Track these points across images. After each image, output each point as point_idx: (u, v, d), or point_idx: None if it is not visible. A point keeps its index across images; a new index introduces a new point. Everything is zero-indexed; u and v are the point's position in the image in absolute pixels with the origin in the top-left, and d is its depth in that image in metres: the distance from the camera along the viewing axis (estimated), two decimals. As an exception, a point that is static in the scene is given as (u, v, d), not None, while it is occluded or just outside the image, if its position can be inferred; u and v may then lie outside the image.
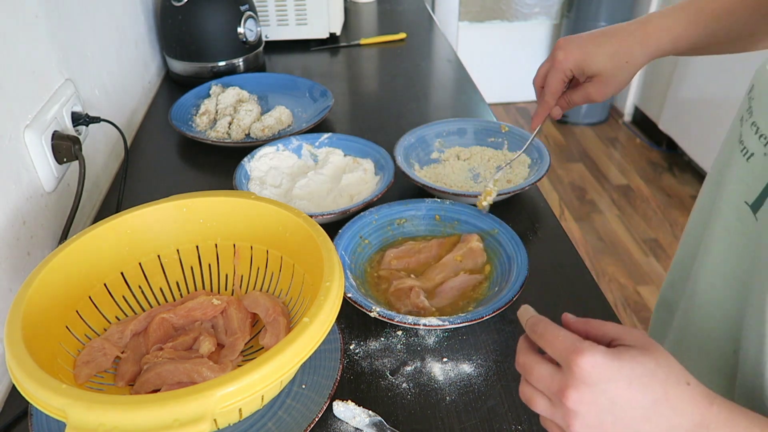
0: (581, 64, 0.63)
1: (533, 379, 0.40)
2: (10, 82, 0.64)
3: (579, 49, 0.63)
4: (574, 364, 0.37)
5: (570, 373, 0.37)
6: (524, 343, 0.43)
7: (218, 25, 1.18)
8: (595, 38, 0.63)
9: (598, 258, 2.21)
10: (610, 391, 0.37)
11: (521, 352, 0.42)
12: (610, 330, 0.41)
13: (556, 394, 0.38)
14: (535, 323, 0.42)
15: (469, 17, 3.15)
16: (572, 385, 0.37)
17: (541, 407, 0.40)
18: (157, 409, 0.38)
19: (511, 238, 0.70)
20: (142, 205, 0.60)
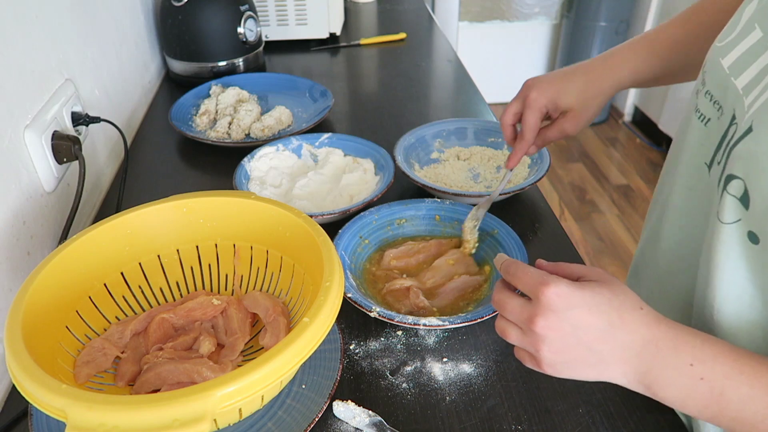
0: (555, 100, 0.66)
1: (506, 312, 0.45)
2: (10, 82, 0.64)
3: (551, 87, 0.66)
4: (541, 293, 0.42)
5: (538, 303, 0.43)
6: (500, 284, 0.48)
7: (218, 25, 1.18)
8: (563, 76, 0.68)
9: (598, 258, 2.21)
10: (572, 317, 0.42)
11: (497, 291, 0.47)
12: (576, 270, 0.46)
13: (525, 323, 0.43)
14: (508, 265, 0.47)
15: (469, 17, 3.15)
16: (540, 313, 0.42)
17: (514, 337, 0.45)
18: (157, 409, 0.38)
19: (511, 238, 0.70)
20: (142, 205, 0.60)
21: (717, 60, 0.51)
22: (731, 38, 0.51)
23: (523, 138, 0.69)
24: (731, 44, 0.50)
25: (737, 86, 0.48)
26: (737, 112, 0.47)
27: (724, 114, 0.50)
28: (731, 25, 0.52)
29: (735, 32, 0.51)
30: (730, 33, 0.51)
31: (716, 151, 0.51)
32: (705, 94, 0.53)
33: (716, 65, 0.51)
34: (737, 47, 0.49)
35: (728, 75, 0.49)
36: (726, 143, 0.48)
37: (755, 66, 0.46)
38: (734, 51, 0.49)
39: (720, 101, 0.51)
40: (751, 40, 0.48)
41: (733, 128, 0.47)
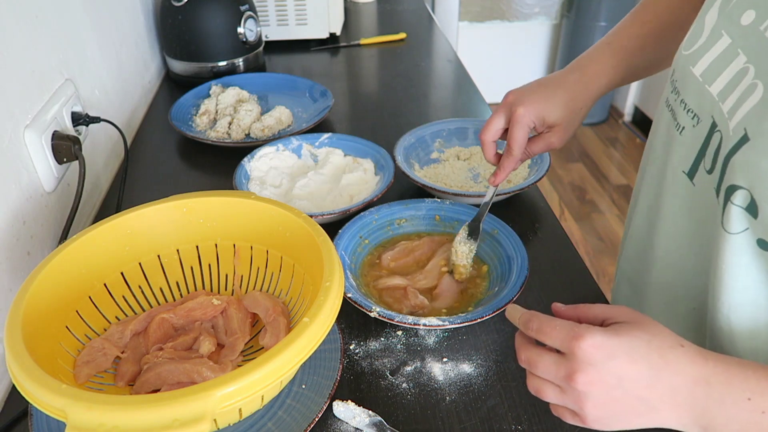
0: (542, 115, 0.66)
1: (539, 371, 0.42)
2: (10, 82, 0.64)
3: (537, 103, 0.66)
4: (577, 348, 0.39)
5: (574, 358, 0.40)
6: (522, 339, 0.45)
7: (218, 25, 1.18)
8: (545, 90, 0.67)
9: (598, 258, 2.21)
10: (614, 368, 0.39)
11: (521, 348, 0.44)
12: (599, 311, 0.44)
13: (564, 380, 0.41)
14: (528, 319, 0.44)
15: (469, 17, 3.15)
16: (579, 368, 0.40)
17: (552, 396, 0.42)
18: (157, 409, 0.38)
19: (511, 238, 0.70)
20: (142, 205, 0.60)
21: (687, 68, 0.52)
22: (699, 46, 0.51)
23: (512, 154, 0.67)
24: (700, 52, 0.51)
25: (712, 93, 0.48)
26: (717, 118, 0.47)
27: (701, 122, 0.50)
28: (694, 33, 0.53)
29: (701, 40, 0.51)
30: (695, 41, 0.52)
31: (698, 159, 0.51)
32: (680, 103, 0.53)
33: (687, 74, 0.52)
34: (707, 54, 0.49)
35: (702, 82, 0.49)
36: (714, 152, 0.48)
37: (728, 71, 0.47)
38: (704, 58, 0.50)
39: (694, 109, 0.51)
40: (720, 47, 0.48)
41: (717, 136, 0.47)
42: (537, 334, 0.43)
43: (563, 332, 0.41)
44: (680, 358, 0.40)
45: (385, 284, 0.67)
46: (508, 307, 0.48)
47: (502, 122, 0.68)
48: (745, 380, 0.39)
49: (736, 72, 0.46)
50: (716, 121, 0.48)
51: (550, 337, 0.42)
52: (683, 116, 0.53)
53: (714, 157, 0.48)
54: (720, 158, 0.47)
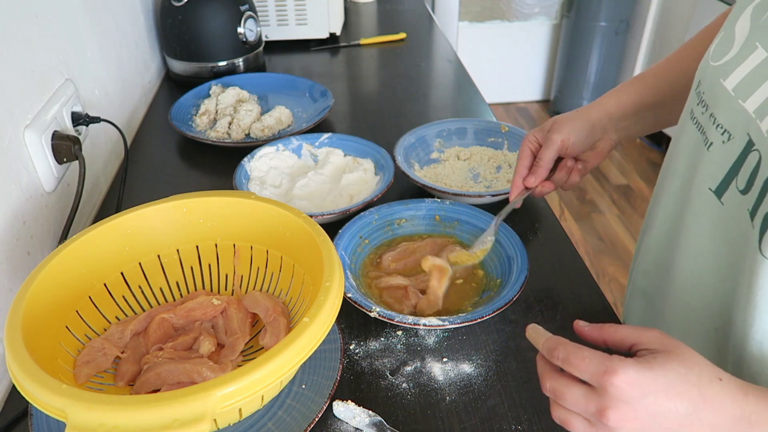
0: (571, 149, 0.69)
1: (567, 403, 0.41)
2: (10, 82, 0.64)
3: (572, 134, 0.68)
4: (609, 384, 0.38)
5: (606, 394, 0.38)
6: (545, 366, 0.43)
7: (218, 25, 1.18)
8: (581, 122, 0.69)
9: (598, 258, 2.21)
10: (649, 404, 0.37)
11: (546, 377, 0.42)
12: (626, 334, 0.42)
13: (595, 416, 0.39)
14: (553, 347, 0.42)
15: (469, 17, 3.15)
16: (611, 405, 0.38)
17: (580, 428, 0.41)
18: (157, 409, 0.38)
19: (511, 238, 0.70)
20: (142, 205, 0.60)
21: (717, 81, 0.49)
22: (730, 58, 0.49)
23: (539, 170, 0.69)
24: (732, 64, 0.48)
25: (747, 109, 0.45)
26: (754, 137, 0.45)
27: (733, 138, 0.47)
28: (724, 42, 0.50)
29: (733, 51, 0.48)
30: (725, 52, 0.49)
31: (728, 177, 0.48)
32: (709, 117, 0.50)
33: (717, 87, 0.49)
34: (740, 68, 0.47)
35: (734, 97, 0.47)
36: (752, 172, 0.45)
37: (765, 87, 0.44)
38: (737, 72, 0.47)
39: (725, 125, 0.48)
40: (755, 60, 0.46)
41: (754, 155, 0.45)
42: (563, 364, 0.41)
43: (593, 366, 0.39)
44: (719, 394, 0.38)
45: (386, 283, 0.67)
46: (529, 328, 0.46)
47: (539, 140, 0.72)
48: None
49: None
50: (753, 140, 0.45)
51: (579, 369, 0.40)
52: (711, 131, 0.50)
53: (750, 178, 0.45)
54: (759, 180, 0.44)
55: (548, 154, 0.69)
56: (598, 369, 0.38)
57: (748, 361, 0.49)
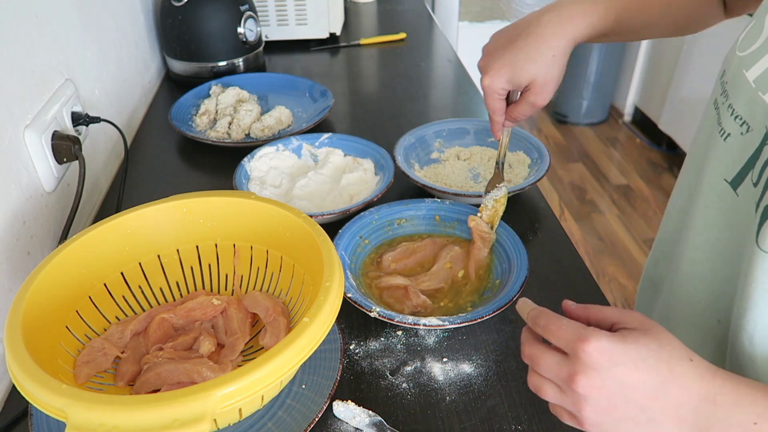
0: (512, 78, 0.62)
1: (541, 369, 0.42)
2: (10, 82, 0.64)
3: (503, 67, 0.62)
4: (581, 350, 0.39)
5: (577, 360, 0.39)
6: (528, 335, 0.44)
7: (218, 25, 1.18)
8: (512, 45, 0.62)
9: (598, 258, 2.21)
10: (618, 374, 0.38)
11: (526, 343, 0.44)
12: (610, 314, 0.42)
13: (565, 381, 0.40)
14: (536, 315, 0.43)
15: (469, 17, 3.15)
16: (581, 371, 0.39)
17: (551, 395, 0.42)
18: (157, 409, 0.38)
19: (511, 238, 0.70)
20: (142, 205, 0.60)
21: (740, 71, 0.48)
22: (755, 48, 0.48)
23: (493, 122, 0.67)
24: (756, 55, 0.47)
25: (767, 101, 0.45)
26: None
27: (752, 130, 0.47)
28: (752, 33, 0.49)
29: (759, 41, 0.47)
30: (752, 42, 0.48)
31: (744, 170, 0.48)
32: (727, 107, 0.50)
33: (739, 77, 0.48)
34: (763, 59, 0.46)
35: (755, 89, 0.46)
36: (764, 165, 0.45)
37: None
38: (760, 63, 0.46)
39: (744, 116, 0.48)
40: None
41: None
42: (543, 331, 0.42)
43: (569, 332, 0.40)
44: (688, 372, 0.39)
45: (387, 283, 0.67)
46: (519, 301, 0.47)
47: None
48: (753, 402, 0.38)
49: None
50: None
51: (556, 336, 0.41)
52: (729, 121, 0.49)
53: (762, 170, 0.45)
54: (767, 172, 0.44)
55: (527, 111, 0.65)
56: (573, 336, 0.40)
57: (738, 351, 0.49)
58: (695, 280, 0.57)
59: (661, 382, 0.38)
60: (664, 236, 0.65)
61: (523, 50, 0.62)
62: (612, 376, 0.38)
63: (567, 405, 0.41)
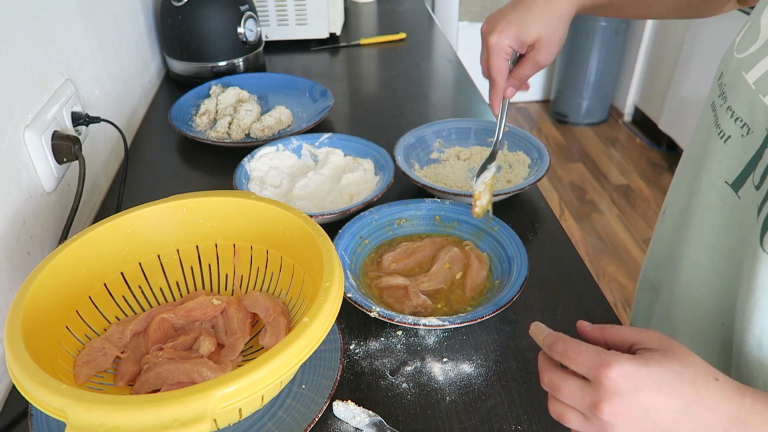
0: (518, 35, 0.63)
1: (563, 396, 0.41)
2: (10, 82, 0.64)
3: (510, 24, 0.63)
4: (604, 377, 0.38)
5: (600, 387, 0.38)
6: (545, 361, 0.43)
7: (218, 25, 1.18)
8: (520, 6, 0.63)
9: (598, 258, 2.21)
10: (643, 399, 0.37)
11: (545, 371, 0.43)
12: (628, 334, 0.42)
13: (589, 409, 0.39)
14: (553, 342, 0.42)
15: (469, 17, 3.15)
16: (605, 398, 0.38)
17: (575, 423, 0.41)
18: (157, 409, 0.38)
19: (511, 238, 0.70)
20: (142, 205, 0.60)
21: (739, 73, 0.49)
22: (754, 50, 0.48)
23: (495, 84, 0.65)
24: (755, 57, 0.47)
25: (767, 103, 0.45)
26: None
27: (752, 132, 0.47)
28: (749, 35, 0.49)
29: (757, 43, 0.48)
30: (750, 43, 0.49)
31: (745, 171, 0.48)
32: (726, 110, 0.50)
33: (739, 79, 0.49)
34: (762, 61, 0.46)
35: (755, 91, 0.46)
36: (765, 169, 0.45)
37: None
38: (760, 65, 0.47)
39: (744, 118, 0.48)
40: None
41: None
42: (562, 357, 0.41)
43: (590, 359, 0.39)
44: (714, 392, 0.38)
45: (387, 283, 0.67)
46: (533, 326, 0.46)
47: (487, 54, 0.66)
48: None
49: None
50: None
51: (576, 362, 0.40)
52: (729, 124, 0.49)
53: (764, 173, 0.45)
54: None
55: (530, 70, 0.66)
56: (594, 362, 0.39)
57: (746, 355, 0.49)
58: (697, 283, 0.56)
59: (688, 404, 0.38)
60: (662, 239, 0.65)
61: (530, 10, 0.62)
62: (637, 402, 0.37)
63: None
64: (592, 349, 0.40)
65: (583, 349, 0.40)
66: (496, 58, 0.64)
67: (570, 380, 0.40)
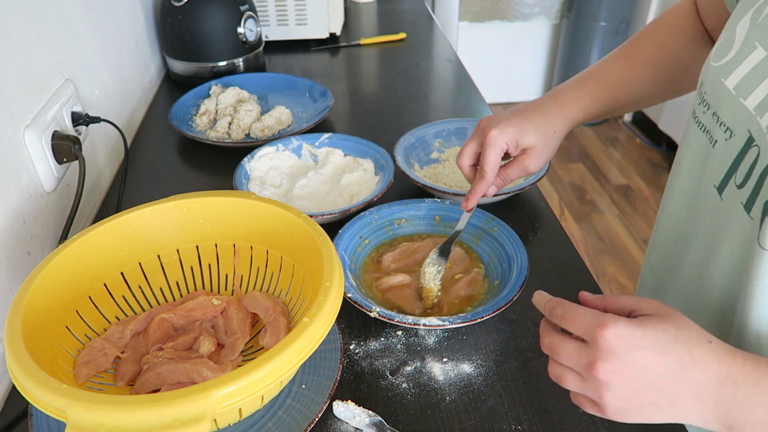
0: (516, 137, 0.65)
1: (561, 358, 0.42)
2: (10, 82, 0.64)
3: (511, 125, 0.65)
4: (600, 336, 0.39)
5: (596, 347, 0.39)
6: (546, 325, 0.45)
7: (218, 25, 1.18)
8: (520, 114, 0.66)
9: (598, 258, 2.21)
10: (637, 359, 0.39)
11: (545, 334, 0.44)
12: (626, 302, 0.43)
13: (585, 368, 0.40)
14: (553, 306, 0.44)
15: (469, 17, 3.15)
16: (600, 357, 0.39)
17: (572, 383, 0.42)
18: (157, 409, 0.38)
19: (511, 238, 0.70)
20: (142, 205, 0.60)
21: (719, 81, 0.50)
22: (730, 58, 0.50)
23: (484, 177, 0.66)
24: (732, 64, 0.49)
25: (747, 106, 0.47)
26: (754, 132, 0.46)
27: (735, 135, 0.49)
28: (724, 43, 0.51)
29: (733, 51, 0.50)
30: (726, 52, 0.51)
31: (729, 173, 0.49)
32: (712, 116, 0.52)
33: (719, 86, 0.50)
34: (740, 67, 0.48)
35: (735, 96, 0.48)
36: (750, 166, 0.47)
37: (765, 85, 0.45)
38: (738, 71, 0.48)
39: (728, 123, 0.50)
40: (754, 60, 0.47)
41: (754, 150, 0.46)
42: (561, 320, 0.43)
43: (587, 320, 0.40)
44: (708, 354, 0.39)
45: (387, 284, 0.67)
46: (536, 294, 0.48)
47: (477, 146, 0.67)
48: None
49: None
50: (753, 136, 0.46)
51: (574, 324, 0.41)
52: (716, 130, 0.51)
53: (748, 172, 0.47)
54: (755, 173, 0.46)
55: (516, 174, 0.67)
56: (591, 323, 0.40)
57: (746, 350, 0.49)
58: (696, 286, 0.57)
59: (681, 365, 0.39)
60: (660, 245, 0.66)
61: (530, 119, 0.66)
62: (632, 361, 0.39)
63: (588, 392, 0.41)
64: (589, 312, 0.41)
65: (581, 311, 0.41)
66: (492, 152, 0.65)
67: (568, 342, 0.42)
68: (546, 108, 0.67)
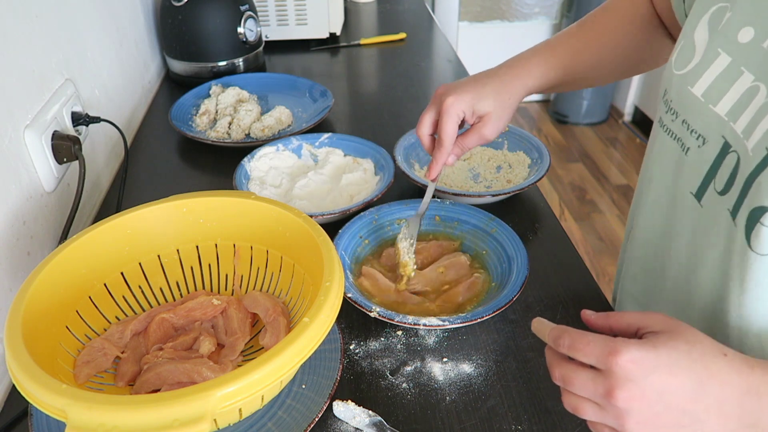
0: (472, 104, 0.65)
1: (576, 389, 0.41)
2: (10, 82, 0.64)
3: (467, 92, 0.65)
4: (614, 364, 0.38)
5: (612, 375, 0.38)
6: (553, 355, 0.43)
7: (218, 25, 1.18)
8: (475, 81, 0.67)
9: (598, 258, 2.21)
10: (654, 382, 0.38)
11: (554, 365, 0.43)
12: (632, 320, 0.42)
13: (603, 398, 0.39)
14: (558, 336, 0.42)
15: (469, 17, 3.15)
16: (618, 385, 0.38)
17: (590, 413, 0.41)
18: (157, 409, 0.38)
19: (511, 238, 0.70)
20: (142, 205, 0.60)
21: (685, 89, 0.51)
22: (694, 65, 0.50)
23: (442, 146, 0.66)
24: (697, 71, 0.49)
25: (718, 113, 0.47)
26: (730, 139, 0.47)
27: (708, 142, 0.49)
28: (684, 51, 0.51)
29: (696, 59, 0.50)
30: (688, 60, 0.51)
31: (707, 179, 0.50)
32: (682, 123, 0.52)
33: (686, 94, 0.51)
34: (706, 74, 0.48)
35: (704, 102, 0.48)
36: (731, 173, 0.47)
37: (734, 91, 0.46)
38: (704, 78, 0.49)
39: (698, 130, 0.50)
40: (719, 66, 0.47)
41: (732, 156, 0.46)
42: (570, 350, 0.41)
43: (597, 348, 0.39)
44: (724, 367, 0.39)
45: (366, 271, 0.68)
46: (535, 321, 0.46)
47: (434, 115, 0.68)
48: None
49: (744, 91, 0.45)
50: (729, 142, 0.46)
51: (584, 353, 0.40)
52: (688, 137, 0.51)
53: (730, 179, 0.47)
54: (739, 179, 0.46)
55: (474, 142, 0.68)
56: (603, 351, 0.39)
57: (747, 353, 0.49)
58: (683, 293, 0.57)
59: (699, 382, 0.38)
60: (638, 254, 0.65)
61: (486, 86, 0.66)
62: (649, 385, 0.38)
63: (608, 421, 0.40)
64: (598, 339, 0.40)
65: (590, 339, 0.40)
66: (449, 120, 0.65)
67: (581, 372, 0.40)
68: (501, 75, 0.67)
